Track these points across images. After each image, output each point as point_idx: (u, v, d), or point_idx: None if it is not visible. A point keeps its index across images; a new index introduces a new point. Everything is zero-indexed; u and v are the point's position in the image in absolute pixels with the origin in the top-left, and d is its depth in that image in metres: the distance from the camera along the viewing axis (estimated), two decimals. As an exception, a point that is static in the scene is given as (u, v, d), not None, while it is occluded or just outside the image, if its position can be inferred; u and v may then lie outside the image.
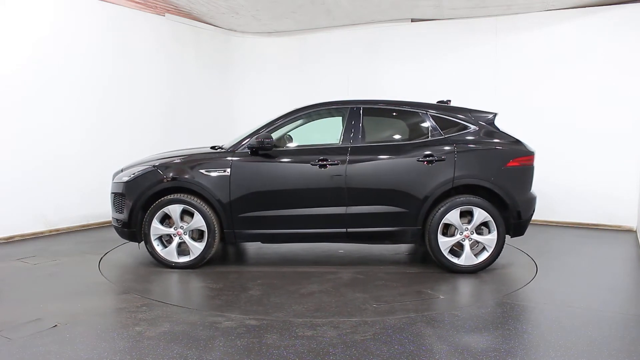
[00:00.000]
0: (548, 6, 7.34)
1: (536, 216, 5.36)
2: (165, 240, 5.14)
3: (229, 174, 4.98)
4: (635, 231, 6.91)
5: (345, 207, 4.94)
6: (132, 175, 5.17)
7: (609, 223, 7.24)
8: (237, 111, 9.49)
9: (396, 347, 3.22)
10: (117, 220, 5.28)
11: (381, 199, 4.92)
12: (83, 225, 7.13)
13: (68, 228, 6.93)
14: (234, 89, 9.59)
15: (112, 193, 5.35)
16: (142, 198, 5.05)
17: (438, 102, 5.43)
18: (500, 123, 5.17)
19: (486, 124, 5.07)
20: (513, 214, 4.91)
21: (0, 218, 6.20)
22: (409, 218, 4.91)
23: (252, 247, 6.16)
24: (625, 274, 5.17)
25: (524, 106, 7.61)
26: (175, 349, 3.16)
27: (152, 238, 5.06)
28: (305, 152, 5.10)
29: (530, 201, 5.00)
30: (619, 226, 7.17)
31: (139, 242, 5.22)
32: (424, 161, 4.89)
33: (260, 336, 3.37)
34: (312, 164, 4.95)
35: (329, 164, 4.92)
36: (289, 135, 5.51)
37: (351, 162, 4.93)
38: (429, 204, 4.87)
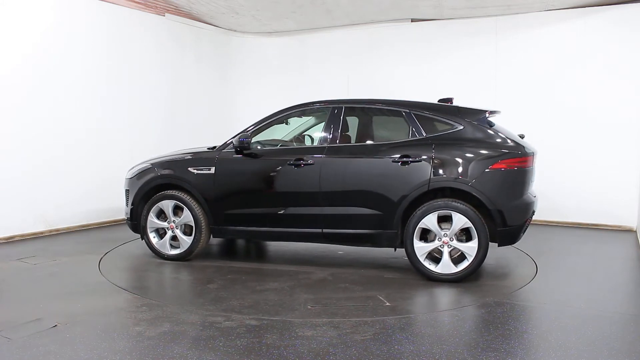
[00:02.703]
0: (548, 6, 7.34)
1: (536, 216, 5.30)
2: (161, 233, 5.44)
3: (213, 172, 5.17)
4: (635, 231, 6.91)
5: (320, 208, 4.90)
6: (134, 172, 5.60)
7: (609, 223, 7.24)
8: (237, 111, 9.49)
9: (396, 347, 3.22)
10: (125, 213, 5.65)
11: (355, 200, 4.80)
12: (83, 225, 7.13)
13: (68, 228, 6.93)
14: (234, 89, 9.60)
15: (124, 189, 5.74)
16: (140, 193, 5.43)
17: (439, 100, 5.31)
18: (500, 123, 5.10)
19: (476, 123, 4.73)
20: (497, 220, 4.52)
21: (0, 218, 6.20)
22: (384, 221, 4.73)
23: (258, 244, 6.24)
24: (625, 274, 5.17)
25: (524, 106, 7.60)
26: (175, 349, 3.16)
27: (149, 231, 5.41)
28: (285, 152, 5.15)
29: (521, 207, 4.60)
30: (619, 226, 7.17)
31: (141, 235, 5.49)
32: (399, 162, 4.68)
33: (260, 336, 3.37)
34: (288, 164, 4.96)
35: (305, 164, 4.91)
36: (308, 135, 5.55)
37: (326, 162, 4.88)
38: (404, 207, 4.64)
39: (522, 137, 5.02)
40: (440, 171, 4.60)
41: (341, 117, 5.05)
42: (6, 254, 5.61)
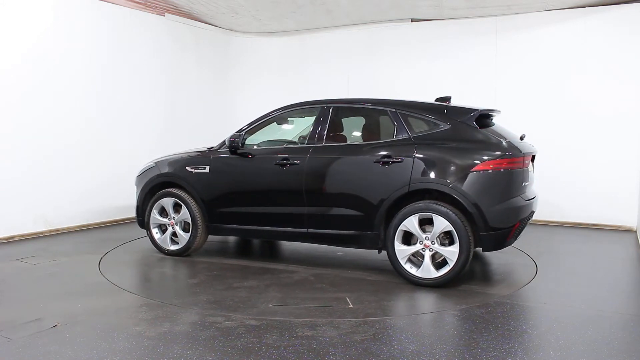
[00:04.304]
0: (548, 6, 7.34)
1: (536, 216, 5.28)
2: (164, 229, 5.64)
3: (208, 171, 5.31)
4: (635, 231, 6.92)
5: (304, 207, 4.90)
6: (141, 171, 5.90)
7: (609, 223, 7.24)
8: (237, 111, 9.49)
9: (396, 347, 3.22)
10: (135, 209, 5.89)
11: (337, 200, 4.77)
12: (83, 225, 7.13)
13: (68, 228, 6.93)
14: (234, 89, 9.60)
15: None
16: (145, 191, 5.69)
17: (437, 99, 5.18)
18: (500, 123, 5.07)
19: (464, 122, 4.55)
20: (479, 224, 4.29)
21: (0, 218, 6.20)
22: (365, 222, 4.65)
23: (271, 243, 6.31)
24: (625, 274, 5.17)
25: (524, 106, 7.61)
26: (175, 349, 3.16)
27: (152, 226, 5.63)
28: (273, 152, 5.16)
29: (507, 211, 4.36)
30: (619, 226, 7.17)
31: (146, 230, 5.73)
32: (380, 162, 4.57)
33: (260, 336, 3.37)
34: (275, 164, 4.99)
35: (290, 164, 4.92)
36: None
37: (310, 162, 4.87)
38: (385, 209, 4.54)
39: (522, 137, 4.88)
40: (421, 172, 4.45)
41: (328, 117, 5.03)
42: (6, 254, 5.61)
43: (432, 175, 4.43)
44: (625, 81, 7.05)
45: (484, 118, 4.80)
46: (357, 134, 5.23)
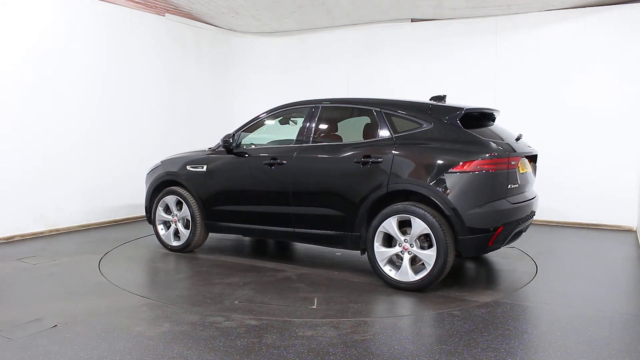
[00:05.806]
0: (548, 6, 7.34)
1: (536, 216, 5.26)
2: (168, 226, 5.84)
3: (205, 170, 5.41)
4: (635, 231, 6.91)
5: (290, 207, 4.94)
6: (149, 169, 6.11)
7: (609, 223, 7.24)
8: (237, 111, 9.49)
9: (396, 347, 3.22)
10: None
11: (319, 200, 4.78)
12: (83, 225, 7.13)
13: (68, 228, 6.93)
14: (234, 89, 9.60)
15: None
16: (151, 188, 5.92)
17: (432, 98, 5.08)
18: (499, 123, 5.05)
19: (447, 121, 4.39)
20: (457, 227, 4.13)
21: (0, 218, 6.19)
22: (346, 223, 4.62)
23: (282, 243, 6.33)
24: (625, 274, 5.16)
25: (523, 106, 7.61)
26: (175, 349, 3.16)
27: (157, 223, 5.87)
28: (264, 152, 5.21)
29: (488, 214, 4.15)
30: (619, 226, 7.17)
31: (152, 226, 5.97)
32: (359, 163, 4.52)
33: (260, 336, 3.37)
34: (264, 164, 5.04)
35: (277, 164, 4.96)
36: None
37: (296, 162, 4.90)
38: (365, 209, 4.48)
39: (519, 137, 4.76)
40: (399, 173, 4.34)
41: (316, 117, 5.05)
42: (6, 254, 5.61)
43: (410, 175, 4.32)
44: (626, 81, 7.05)
45: (482, 118, 4.76)
46: (344, 133, 5.21)
